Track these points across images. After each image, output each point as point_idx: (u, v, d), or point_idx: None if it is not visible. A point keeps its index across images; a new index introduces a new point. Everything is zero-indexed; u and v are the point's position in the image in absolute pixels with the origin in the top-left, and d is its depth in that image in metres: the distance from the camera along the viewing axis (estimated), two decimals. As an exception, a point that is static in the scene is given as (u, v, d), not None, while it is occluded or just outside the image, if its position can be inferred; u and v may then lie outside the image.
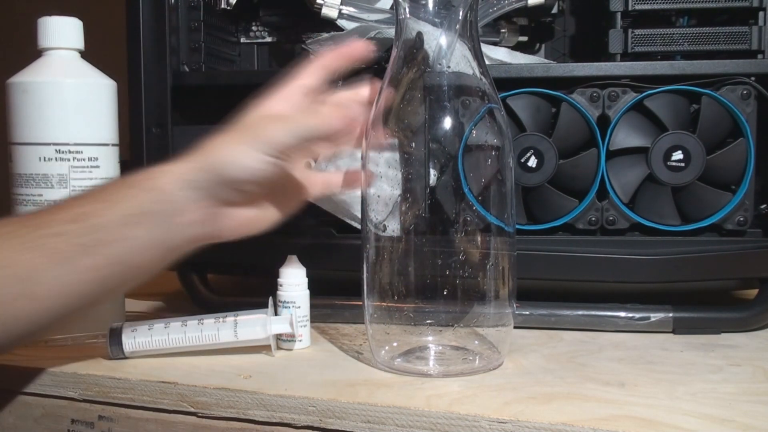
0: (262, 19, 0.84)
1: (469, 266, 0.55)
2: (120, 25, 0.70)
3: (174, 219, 0.50)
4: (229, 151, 0.50)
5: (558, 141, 0.66)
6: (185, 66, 0.75)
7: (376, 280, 0.55)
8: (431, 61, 0.55)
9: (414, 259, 0.55)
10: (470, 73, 0.54)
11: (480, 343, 0.57)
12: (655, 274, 0.64)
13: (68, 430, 0.55)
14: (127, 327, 0.58)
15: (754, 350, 0.60)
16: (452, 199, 0.54)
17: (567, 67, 0.67)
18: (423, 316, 0.57)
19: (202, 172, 0.50)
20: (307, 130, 0.50)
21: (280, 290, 0.60)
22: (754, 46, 0.65)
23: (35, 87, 0.61)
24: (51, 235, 0.48)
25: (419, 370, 0.54)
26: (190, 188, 0.50)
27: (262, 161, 0.50)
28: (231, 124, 0.52)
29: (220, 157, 0.50)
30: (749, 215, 0.66)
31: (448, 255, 0.54)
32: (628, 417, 0.45)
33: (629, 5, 0.66)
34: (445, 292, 0.55)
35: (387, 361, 0.55)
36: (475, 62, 0.55)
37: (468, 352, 0.57)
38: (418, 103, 0.55)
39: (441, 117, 0.54)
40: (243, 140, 0.50)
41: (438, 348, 0.57)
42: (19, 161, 0.61)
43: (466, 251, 0.55)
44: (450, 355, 0.57)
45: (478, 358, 0.56)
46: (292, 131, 0.50)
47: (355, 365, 0.56)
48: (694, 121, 0.65)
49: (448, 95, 0.54)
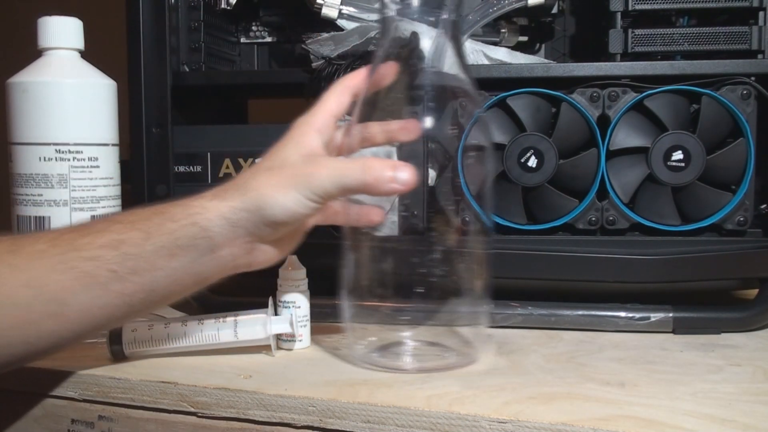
0: (262, 19, 0.84)
1: (445, 264, 0.55)
2: (120, 25, 0.70)
3: (210, 254, 0.50)
4: (273, 192, 0.49)
5: (558, 141, 0.66)
6: (185, 66, 0.75)
7: (354, 278, 0.56)
8: (427, 61, 0.54)
9: (391, 257, 0.55)
10: (460, 73, 0.54)
11: (456, 340, 0.58)
12: (655, 274, 0.64)
13: (68, 430, 0.55)
14: (127, 327, 0.58)
15: (754, 350, 0.60)
16: (446, 198, 0.55)
17: (567, 67, 0.67)
18: (399, 313, 0.57)
19: (245, 212, 0.50)
20: (353, 182, 0.50)
21: (280, 290, 0.60)
22: (754, 46, 0.65)
23: (35, 87, 0.61)
24: (84, 258, 0.47)
25: (395, 365, 0.55)
26: (230, 226, 0.50)
27: (305, 206, 0.50)
28: (270, 160, 0.52)
29: (264, 198, 0.49)
30: (749, 215, 0.66)
31: (424, 253, 0.55)
32: (628, 417, 0.45)
33: (629, 5, 0.66)
34: (421, 289, 0.55)
35: (364, 356, 0.56)
36: (461, 62, 0.55)
37: (444, 348, 0.58)
38: (410, 103, 0.54)
39: (439, 117, 0.54)
40: (287, 183, 0.50)
41: (415, 344, 0.58)
42: (19, 161, 0.61)
43: (441, 249, 0.55)
44: (425, 351, 0.57)
45: (454, 354, 0.57)
46: (337, 181, 0.49)
47: (355, 365, 0.56)
48: (694, 121, 0.65)
49: (447, 95, 0.54)
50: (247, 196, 0.50)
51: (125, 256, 0.48)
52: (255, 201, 0.50)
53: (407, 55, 0.53)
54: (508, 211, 0.68)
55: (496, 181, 0.68)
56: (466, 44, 0.69)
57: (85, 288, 0.47)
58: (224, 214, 0.50)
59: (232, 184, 0.51)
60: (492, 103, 0.67)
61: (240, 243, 0.51)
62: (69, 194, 0.61)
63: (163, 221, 0.49)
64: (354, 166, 0.50)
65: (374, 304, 0.56)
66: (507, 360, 0.57)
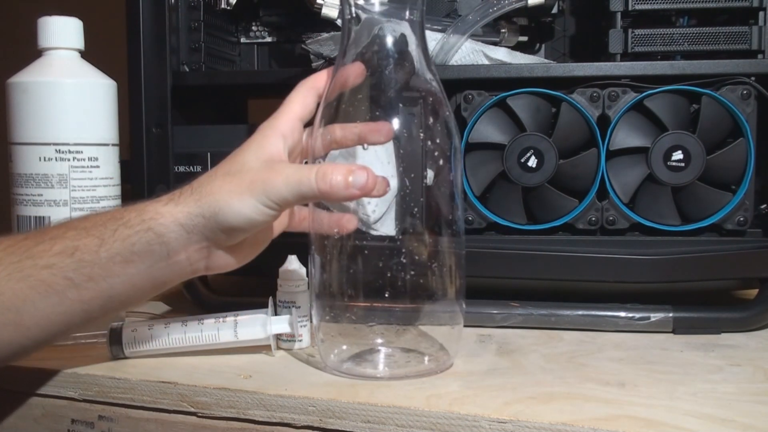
0: (262, 19, 0.84)
1: (416, 266, 0.53)
2: (120, 25, 0.70)
3: (166, 259, 0.49)
4: (229, 198, 0.48)
5: (558, 141, 0.66)
6: (185, 66, 0.75)
7: (325, 282, 0.54)
8: (427, 62, 0.54)
9: (361, 259, 0.53)
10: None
11: (429, 345, 0.56)
12: (655, 274, 0.64)
13: (68, 430, 0.55)
14: (127, 327, 0.58)
15: (754, 350, 0.60)
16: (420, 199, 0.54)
17: (567, 67, 0.67)
18: (371, 318, 0.56)
19: (200, 218, 0.49)
20: (309, 190, 0.48)
21: (280, 290, 0.60)
22: (754, 46, 0.65)
23: (35, 87, 0.61)
24: (40, 267, 0.47)
25: (368, 373, 0.53)
26: (185, 232, 0.49)
27: (261, 213, 0.49)
28: (229, 164, 0.51)
29: (219, 203, 0.48)
30: (749, 215, 0.66)
31: (395, 255, 0.53)
32: (628, 417, 0.45)
33: (629, 5, 0.66)
34: (391, 292, 0.53)
35: (336, 364, 0.55)
36: (425, 60, 0.54)
37: (418, 354, 0.56)
38: (408, 103, 0.54)
39: (436, 117, 0.54)
40: (244, 189, 0.48)
41: (388, 350, 0.56)
42: (19, 161, 0.61)
43: (413, 251, 0.54)
44: (399, 358, 0.56)
45: (427, 359, 0.55)
46: (294, 188, 0.48)
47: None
48: (694, 121, 0.65)
49: (428, 97, 0.53)
50: (202, 202, 0.49)
51: (81, 263, 0.47)
52: (210, 206, 0.48)
53: (397, 57, 0.53)
54: (508, 211, 0.68)
55: (497, 181, 0.68)
56: (466, 44, 0.69)
57: (42, 296, 0.47)
58: (179, 220, 0.49)
59: (189, 188, 0.50)
60: (492, 103, 0.67)
61: (196, 248, 0.50)
62: (69, 194, 0.61)
63: (117, 227, 0.49)
64: (309, 174, 0.48)
65: (344, 306, 0.54)
66: (507, 360, 0.57)
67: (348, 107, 0.53)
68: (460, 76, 0.67)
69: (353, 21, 0.53)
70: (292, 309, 0.60)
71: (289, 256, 0.61)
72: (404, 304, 0.55)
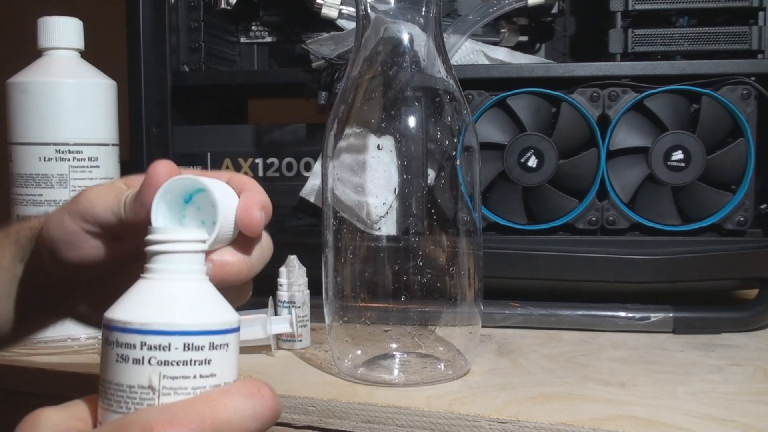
0: (262, 19, 0.84)
1: (433, 269, 0.53)
2: (120, 25, 0.70)
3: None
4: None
5: (558, 141, 0.66)
6: (185, 66, 0.75)
7: (338, 285, 0.53)
8: (423, 62, 0.54)
9: (377, 261, 0.53)
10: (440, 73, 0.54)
11: (446, 350, 0.55)
12: (655, 274, 0.64)
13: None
14: (127, 327, 0.57)
15: (754, 350, 0.60)
16: (445, 201, 0.53)
17: (567, 67, 0.67)
18: (387, 321, 0.54)
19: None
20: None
21: (280, 290, 0.60)
22: (754, 46, 0.65)
23: (35, 87, 0.61)
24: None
25: (383, 379, 0.52)
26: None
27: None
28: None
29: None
30: (749, 215, 0.66)
31: (412, 257, 0.53)
32: (628, 417, 0.45)
33: (629, 5, 0.66)
34: (407, 296, 0.53)
35: (350, 369, 0.54)
36: (443, 61, 0.54)
37: (435, 359, 0.55)
38: (407, 103, 0.54)
39: (437, 117, 0.54)
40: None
41: (403, 356, 0.55)
42: (19, 161, 0.61)
43: (430, 253, 0.53)
44: (415, 363, 0.55)
45: (443, 365, 0.54)
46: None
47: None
48: (694, 121, 0.65)
49: (445, 97, 0.54)
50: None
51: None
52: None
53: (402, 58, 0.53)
54: (509, 211, 0.68)
55: (497, 181, 0.68)
56: (466, 44, 0.69)
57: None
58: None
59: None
60: (492, 103, 0.67)
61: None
62: (69, 194, 0.61)
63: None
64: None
65: (360, 309, 0.53)
66: (507, 360, 0.57)
67: (363, 105, 0.53)
68: (460, 76, 0.67)
69: (378, 21, 0.52)
70: (292, 309, 0.60)
71: (289, 256, 0.61)
72: (420, 307, 0.54)
